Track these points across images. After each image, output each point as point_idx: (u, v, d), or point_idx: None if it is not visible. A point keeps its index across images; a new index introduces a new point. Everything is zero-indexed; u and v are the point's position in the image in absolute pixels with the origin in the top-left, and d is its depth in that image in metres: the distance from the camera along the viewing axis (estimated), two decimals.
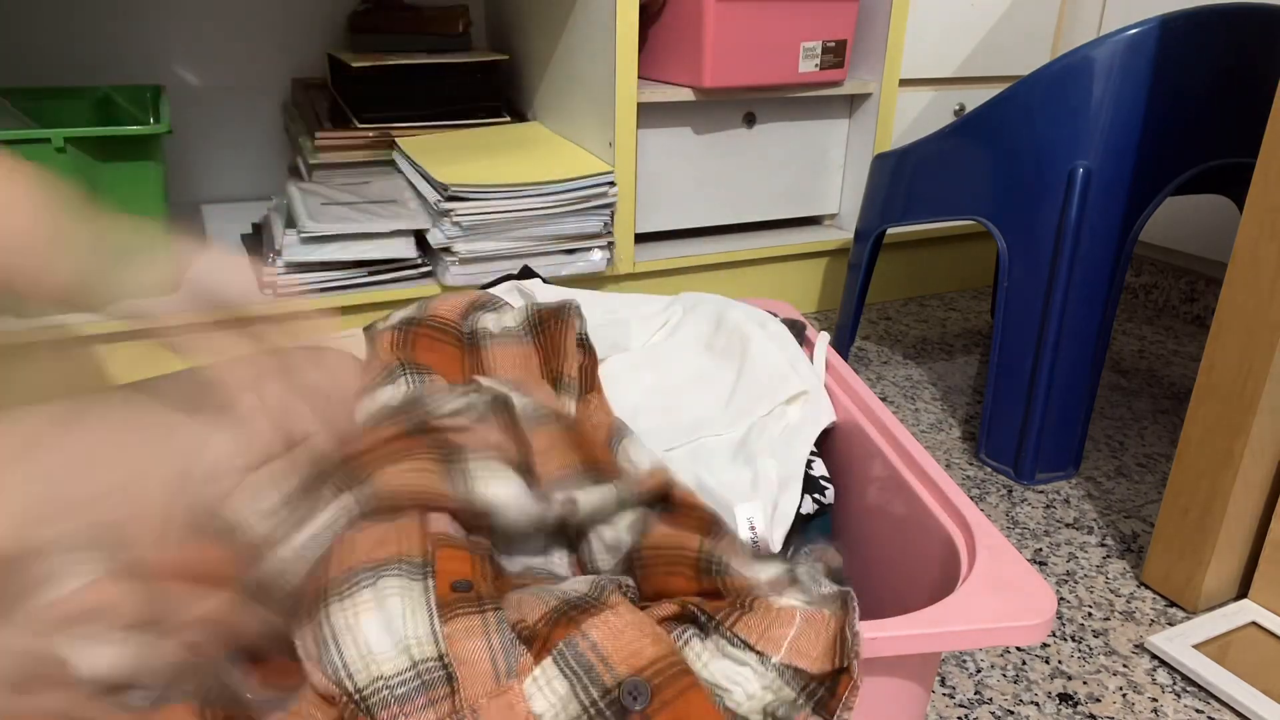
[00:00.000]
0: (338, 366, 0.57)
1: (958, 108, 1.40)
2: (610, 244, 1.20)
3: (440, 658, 0.39)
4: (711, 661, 0.41)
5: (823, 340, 0.69)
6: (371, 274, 1.12)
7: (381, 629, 0.39)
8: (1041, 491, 0.95)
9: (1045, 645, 0.73)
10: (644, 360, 0.68)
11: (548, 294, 0.71)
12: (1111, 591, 0.79)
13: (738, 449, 0.60)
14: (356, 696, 0.38)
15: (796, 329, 0.71)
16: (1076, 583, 0.80)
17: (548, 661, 0.39)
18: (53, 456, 0.40)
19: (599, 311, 0.72)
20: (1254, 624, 0.74)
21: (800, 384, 0.61)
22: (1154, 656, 0.72)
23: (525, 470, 0.52)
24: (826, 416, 0.62)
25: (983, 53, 1.37)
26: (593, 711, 0.38)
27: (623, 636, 0.40)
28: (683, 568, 0.46)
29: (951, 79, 1.38)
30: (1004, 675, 0.70)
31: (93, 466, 0.41)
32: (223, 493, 0.46)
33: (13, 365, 0.53)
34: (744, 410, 0.62)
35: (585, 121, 1.23)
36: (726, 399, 0.63)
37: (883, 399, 1.14)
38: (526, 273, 0.74)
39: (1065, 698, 0.67)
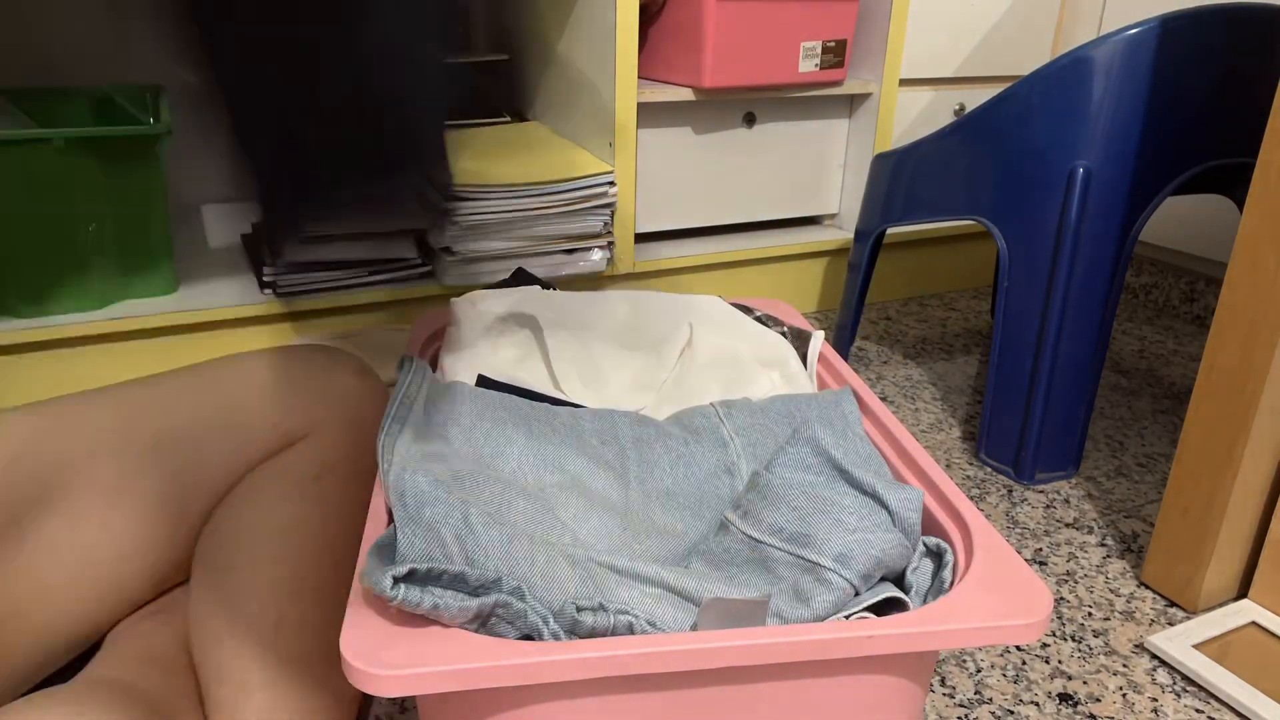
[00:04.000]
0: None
1: (958, 108, 1.40)
2: (610, 244, 1.20)
3: None
4: None
5: (816, 339, 0.69)
6: (371, 274, 1.12)
7: None
8: (1041, 491, 0.95)
9: (1045, 645, 0.73)
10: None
11: (545, 300, 0.71)
12: (1111, 591, 0.79)
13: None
14: None
15: (802, 339, 0.71)
16: (1076, 583, 0.80)
17: None
18: None
19: (602, 324, 0.71)
20: (1254, 624, 0.74)
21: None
22: (1154, 656, 0.72)
23: None
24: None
25: (983, 53, 1.37)
26: None
27: None
28: None
29: (951, 79, 1.38)
30: (1004, 675, 0.69)
31: None
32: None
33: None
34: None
35: (585, 121, 1.23)
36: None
37: (883, 399, 1.14)
38: (521, 275, 0.73)
39: (1065, 697, 0.67)
